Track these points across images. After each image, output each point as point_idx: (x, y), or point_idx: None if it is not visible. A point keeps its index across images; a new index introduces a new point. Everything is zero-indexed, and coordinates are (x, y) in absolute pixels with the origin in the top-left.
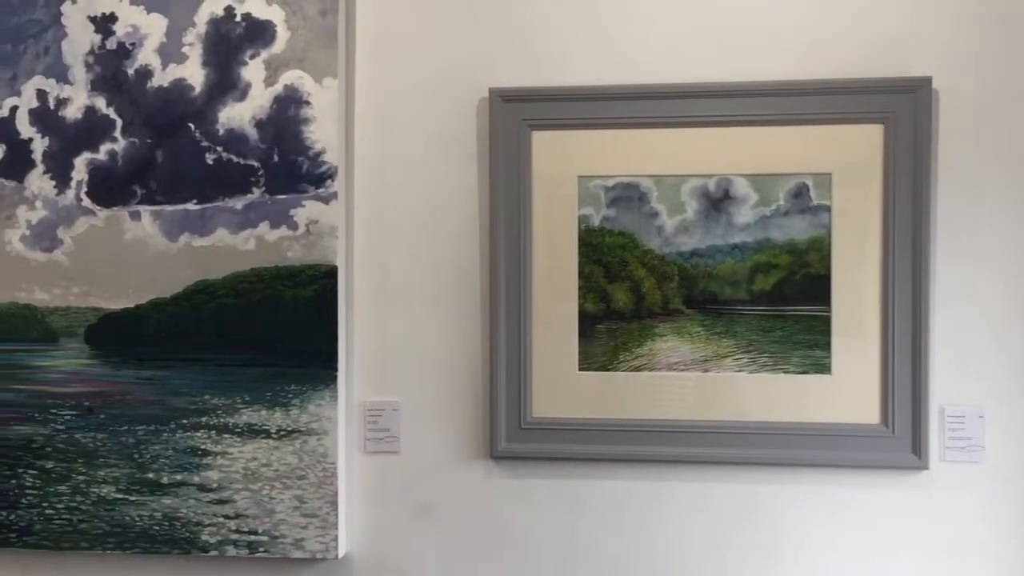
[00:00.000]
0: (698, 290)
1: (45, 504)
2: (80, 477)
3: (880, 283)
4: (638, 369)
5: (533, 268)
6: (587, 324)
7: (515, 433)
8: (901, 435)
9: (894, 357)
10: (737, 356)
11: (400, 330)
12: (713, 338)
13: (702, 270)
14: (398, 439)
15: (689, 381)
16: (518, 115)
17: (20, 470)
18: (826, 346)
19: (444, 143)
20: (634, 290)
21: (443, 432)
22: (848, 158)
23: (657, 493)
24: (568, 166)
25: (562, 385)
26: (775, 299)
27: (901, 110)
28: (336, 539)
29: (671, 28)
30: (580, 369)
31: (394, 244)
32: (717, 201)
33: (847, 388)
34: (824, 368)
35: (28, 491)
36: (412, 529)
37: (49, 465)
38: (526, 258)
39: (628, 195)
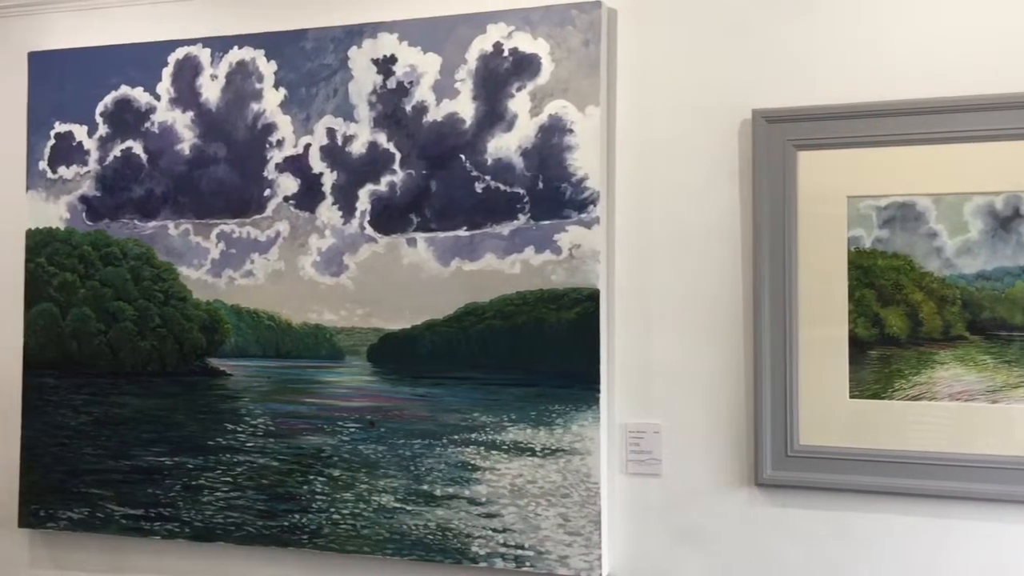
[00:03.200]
0: (985, 315)
1: (332, 509)
2: (363, 486)
3: None
4: (916, 398)
5: (799, 291)
6: (857, 350)
7: (781, 460)
8: None
9: None
10: None
11: (662, 353)
12: (1003, 367)
13: (989, 294)
14: (660, 462)
15: (975, 412)
16: (783, 135)
17: (311, 477)
18: None
19: (705, 166)
20: (910, 315)
21: (705, 457)
22: None
23: (936, 530)
24: (836, 186)
25: (831, 412)
26: None
27: None
28: (600, 558)
29: (944, 40)
30: (851, 396)
31: (656, 267)
32: (1006, 220)
33: None
34: None
35: (318, 496)
36: (674, 552)
37: (336, 473)
38: (791, 281)
39: (903, 215)
